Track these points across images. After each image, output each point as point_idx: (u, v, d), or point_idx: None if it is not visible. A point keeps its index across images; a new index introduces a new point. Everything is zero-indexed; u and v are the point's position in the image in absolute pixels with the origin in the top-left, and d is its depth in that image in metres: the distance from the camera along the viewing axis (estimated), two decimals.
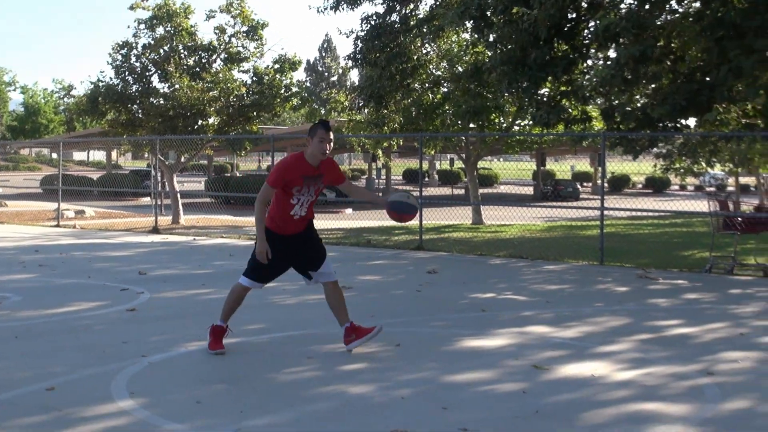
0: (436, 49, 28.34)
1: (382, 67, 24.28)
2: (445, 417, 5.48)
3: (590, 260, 15.06)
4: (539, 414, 5.57)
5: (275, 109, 26.79)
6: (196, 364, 6.87)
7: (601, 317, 9.22)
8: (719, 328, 8.66)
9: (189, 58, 26.97)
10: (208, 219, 27.30)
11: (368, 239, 19.21)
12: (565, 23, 15.71)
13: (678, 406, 5.77)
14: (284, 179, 7.07)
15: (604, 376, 6.58)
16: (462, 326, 8.55)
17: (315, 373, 6.61)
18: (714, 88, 14.07)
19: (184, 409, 5.61)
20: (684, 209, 27.36)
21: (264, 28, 27.04)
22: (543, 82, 16.19)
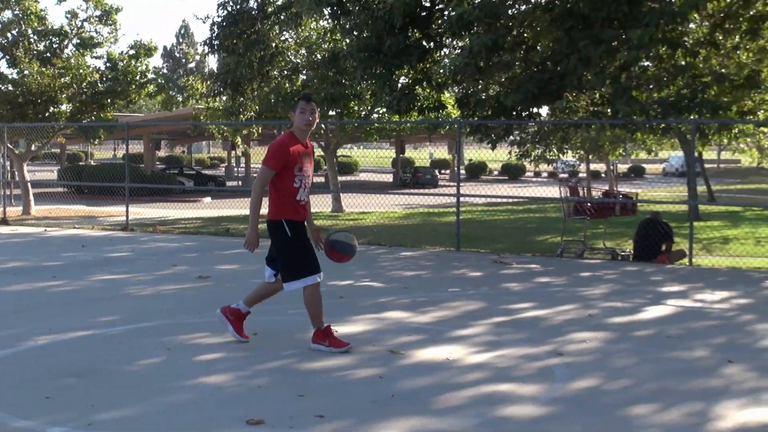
0: (294, 36, 28.23)
1: (240, 54, 24.03)
2: (301, 404, 5.49)
3: (447, 246, 15.30)
4: (395, 398, 5.63)
5: (130, 96, 26.27)
6: (46, 359, 6.66)
7: (457, 302, 9.37)
8: (569, 310, 8.93)
9: (39, 43, 26.13)
10: (60, 209, 26.52)
11: (226, 228, 19.03)
12: (420, 11, 15.86)
13: (529, 387, 5.93)
14: (285, 157, 6.76)
15: (459, 359, 6.70)
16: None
17: (170, 364, 6.51)
18: (564, 77, 14.46)
19: (33, 405, 5.44)
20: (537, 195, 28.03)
21: (118, 13, 26.44)
22: (398, 70, 16.31)
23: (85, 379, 6.07)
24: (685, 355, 6.91)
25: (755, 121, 19.17)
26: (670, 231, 14.37)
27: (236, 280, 10.85)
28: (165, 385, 5.92)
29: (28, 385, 5.90)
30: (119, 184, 21.27)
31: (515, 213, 30.13)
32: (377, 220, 23.63)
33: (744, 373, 6.38)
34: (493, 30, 14.38)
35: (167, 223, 21.11)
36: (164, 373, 6.23)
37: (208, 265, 12.24)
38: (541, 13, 15.13)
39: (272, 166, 6.76)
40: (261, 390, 5.81)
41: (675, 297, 9.89)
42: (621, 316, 8.61)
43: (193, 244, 15.49)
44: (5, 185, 23.63)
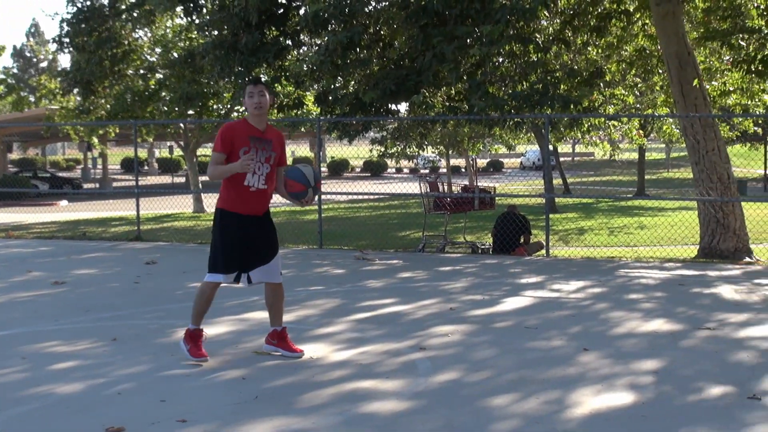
0: (149, 34, 27.71)
1: (91, 51, 23.43)
2: (163, 409, 5.40)
3: (310, 244, 15.30)
4: (259, 399, 5.60)
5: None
6: None
7: (319, 300, 9.38)
8: (431, 305, 9.05)
9: None
10: None
11: (84, 232, 18.56)
12: (276, 9, 15.79)
13: (392, 382, 5.98)
14: (230, 141, 6.48)
15: (322, 357, 6.71)
16: (181, 317, 8.40)
17: (23, 374, 6.29)
18: (420, 73, 14.63)
19: None
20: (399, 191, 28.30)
21: None
22: (255, 67, 16.19)
23: None
24: (543, 345, 7.09)
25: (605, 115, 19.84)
26: (528, 223, 14.73)
27: (93, 284, 10.59)
28: (21, 395, 5.72)
29: None
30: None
31: (378, 209, 30.33)
32: None
33: (599, 360, 6.59)
34: (349, 27, 14.43)
35: (21, 228, 20.43)
36: (20, 383, 6.02)
37: (64, 270, 11.90)
38: (397, 10, 15.27)
39: (219, 149, 6.53)
40: (121, 396, 5.69)
41: (533, 288, 10.14)
42: (481, 309, 8.78)
43: (49, 248, 15.02)
44: None
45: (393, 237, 17.60)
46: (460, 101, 16.18)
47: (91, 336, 7.47)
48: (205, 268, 6.73)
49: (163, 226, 21.30)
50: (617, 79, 20.03)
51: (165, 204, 28.00)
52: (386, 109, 16.13)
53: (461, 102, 16.15)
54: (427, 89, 15.48)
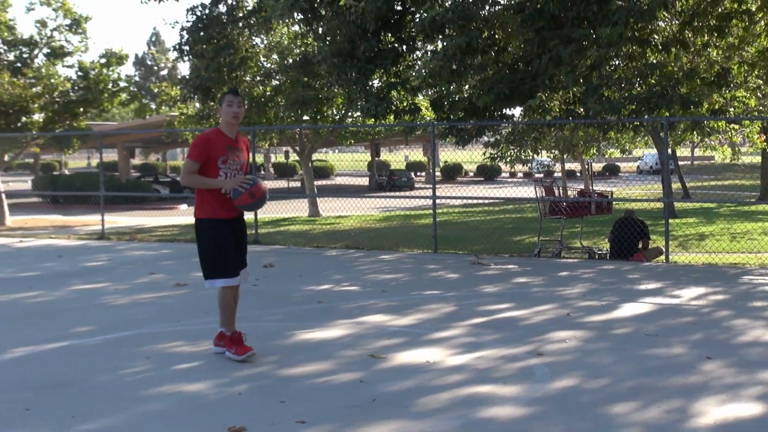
0: (265, 40, 28.19)
1: (210, 58, 23.96)
2: (282, 410, 5.48)
3: (424, 249, 15.32)
4: (376, 402, 5.64)
5: (103, 104, 26.15)
6: (24, 370, 6.62)
7: (435, 304, 9.38)
8: (548, 310, 8.96)
9: (9, 53, 25.97)
10: (35, 219, 26.36)
11: None
12: (393, 15, 15.86)
13: (509, 388, 5.95)
14: (207, 150, 6.72)
15: (439, 361, 6.71)
16: (299, 319, 8.55)
17: (149, 373, 6.48)
18: (536, 77, 14.51)
19: (13, 416, 5.41)
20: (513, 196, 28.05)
21: (87, 22, 26.31)
22: (372, 74, 16.29)
23: (64, 389, 6.04)
24: (664, 352, 6.95)
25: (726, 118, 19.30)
26: (646, 228, 14.45)
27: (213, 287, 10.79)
28: (145, 394, 5.90)
29: (6, 396, 5.86)
30: (94, 193, 21.17)
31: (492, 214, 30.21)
32: (354, 224, 23.64)
33: (722, 369, 6.42)
34: (465, 32, 14.40)
35: (144, 231, 21.02)
36: (144, 382, 6.21)
37: (185, 273, 12.19)
38: (512, 14, 15.18)
39: (194, 158, 6.72)
40: (241, 397, 5.80)
41: (652, 294, 9.94)
42: (599, 315, 8.65)
43: (171, 251, 15.42)
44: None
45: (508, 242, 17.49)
46: (575, 104, 15.98)
47: (211, 337, 7.62)
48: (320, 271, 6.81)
49: (280, 229, 21.63)
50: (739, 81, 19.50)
51: (281, 208, 28.42)
52: (501, 114, 16.05)
53: (577, 105, 15.95)
54: (542, 93, 15.34)
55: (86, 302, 9.85)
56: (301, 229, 22.17)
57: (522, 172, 68.52)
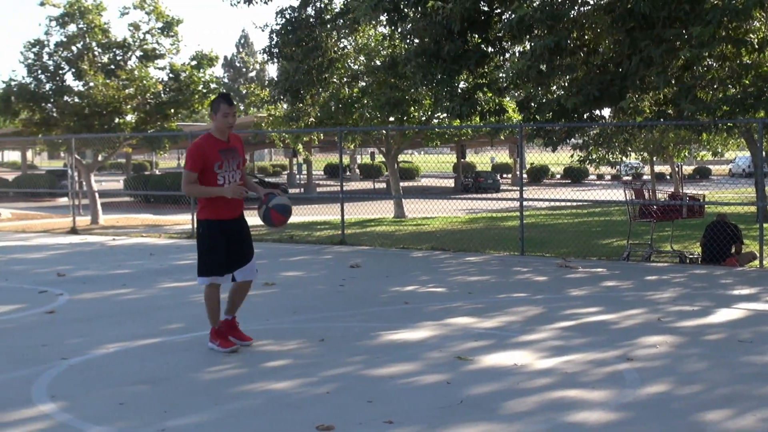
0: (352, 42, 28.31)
1: (299, 61, 24.15)
2: (370, 410, 5.50)
3: (511, 251, 15.22)
4: (463, 404, 5.62)
5: (193, 105, 26.54)
6: (117, 366, 6.77)
7: (522, 306, 9.32)
8: (637, 314, 8.82)
9: (103, 56, 26.54)
10: (127, 218, 26.91)
11: (290, 235, 19.15)
12: (479, 16, 15.79)
13: (598, 392, 5.87)
14: (202, 159, 7.02)
15: (526, 364, 6.66)
16: (385, 319, 8.57)
17: (238, 370, 6.57)
18: (626, 78, 14.29)
19: (107, 410, 5.54)
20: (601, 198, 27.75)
21: (179, 24, 26.72)
22: (457, 75, 16.23)
23: (156, 385, 6.16)
24: (759, 360, 6.78)
25: None
26: (739, 233, 14.12)
27: (301, 287, 10.92)
28: (234, 391, 5.98)
29: (101, 391, 6.00)
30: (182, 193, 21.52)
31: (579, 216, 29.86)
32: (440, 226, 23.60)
33: None
34: (554, 32, 14.26)
35: None
36: (233, 380, 6.29)
37: (273, 272, 12.32)
38: (602, 14, 14.97)
39: (191, 168, 7.06)
40: (329, 396, 5.84)
41: (746, 300, 9.71)
42: (691, 320, 8.49)
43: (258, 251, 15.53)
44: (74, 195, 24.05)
45: (596, 245, 17.26)
46: (667, 106, 15.70)
47: (300, 336, 7.71)
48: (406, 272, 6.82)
49: (366, 230, 21.71)
50: None
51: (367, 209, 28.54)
52: (589, 115, 15.85)
53: (668, 106, 15.66)
54: (632, 94, 15.10)
55: (177, 300, 10.03)
56: (387, 230, 22.21)
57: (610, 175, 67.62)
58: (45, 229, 22.07)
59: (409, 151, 65.62)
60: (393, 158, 31.61)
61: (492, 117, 17.17)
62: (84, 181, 26.44)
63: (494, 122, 17.43)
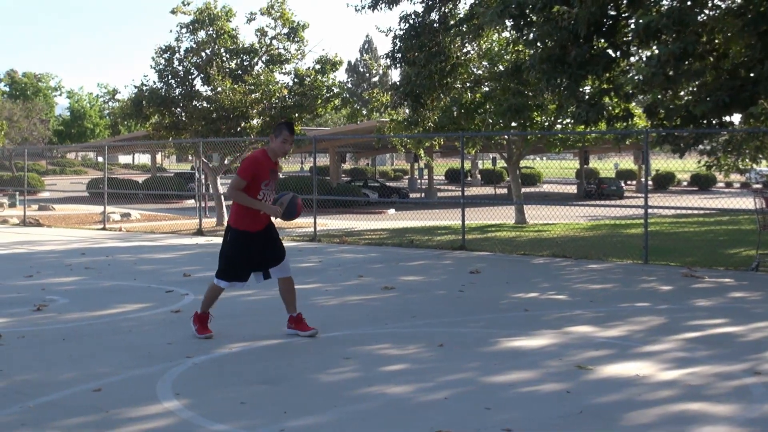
0: (476, 48, 28.22)
1: (421, 66, 24.20)
2: (488, 417, 5.48)
3: (634, 259, 14.95)
4: (583, 414, 5.55)
5: (317, 110, 26.88)
6: (239, 365, 6.92)
7: (645, 316, 9.14)
8: (766, 327, 8.55)
9: (231, 61, 27.15)
10: None
11: (411, 239, 19.22)
12: (605, 21, 15.57)
13: (723, 406, 5.72)
14: (255, 172, 7.67)
15: (649, 375, 6.53)
16: (504, 326, 8.53)
17: (357, 373, 6.63)
18: (757, 84, 13.90)
19: (228, 409, 5.66)
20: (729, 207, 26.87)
21: (305, 30, 27.14)
22: (583, 81, 16.05)
23: (276, 385, 6.26)
24: None
25: None
26: None
27: (420, 291, 10.95)
28: (353, 393, 6.04)
29: (223, 390, 6.14)
30: (307, 196, 21.80)
31: (705, 225, 29.09)
32: (561, 232, 23.33)
33: None
34: (681, 38, 13.95)
35: (353, 235, 21.51)
36: (352, 382, 6.35)
37: (392, 276, 12.40)
38: (732, 18, 14.59)
39: (244, 177, 7.67)
40: (446, 401, 5.84)
41: None
42: None
43: (378, 255, 15.73)
44: (200, 198, 24.68)
45: (722, 254, 16.78)
46: None
47: (418, 341, 7.73)
48: (527, 279, 6.78)
49: (486, 236, 21.61)
50: None
51: (488, 214, 28.43)
52: (719, 121, 15.46)
53: None
54: (764, 100, 14.66)
55: (299, 302, 10.15)
56: (508, 236, 22.07)
57: (739, 182, 65.71)
58: (172, 230, 22.72)
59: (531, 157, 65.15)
60: (514, 164, 31.38)
61: (619, 123, 16.92)
62: (210, 184, 27.08)
63: (621, 128, 17.15)
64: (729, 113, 15.77)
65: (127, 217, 28.08)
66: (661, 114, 15.55)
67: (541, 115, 28.42)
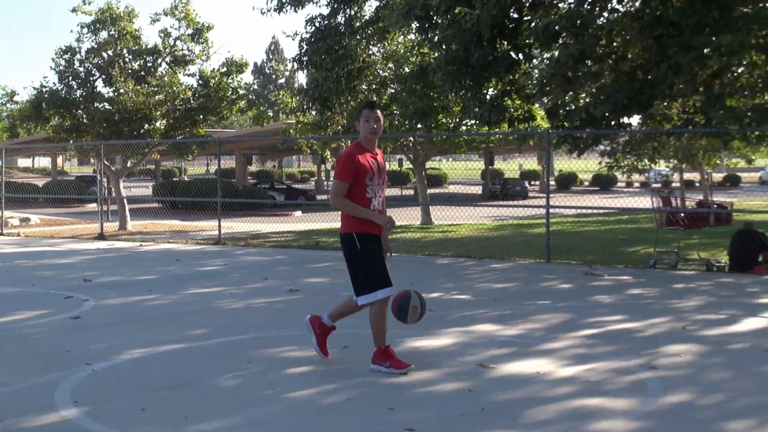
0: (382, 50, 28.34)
1: (328, 69, 24.19)
2: (391, 417, 5.50)
3: (537, 258, 15.19)
4: (485, 412, 5.61)
5: (222, 112, 26.68)
6: (140, 372, 6.81)
7: (546, 314, 9.29)
8: (662, 323, 8.78)
9: (134, 62, 26.77)
10: (155, 224, 27.08)
11: (317, 241, 19.20)
12: (508, 23, 15.78)
13: (621, 401, 5.84)
14: (354, 168, 6.63)
15: (549, 372, 6.64)
16: (408, 326, 8.51)
17: (261, 377, 6.59)
18: (654, 86, 14.24)
19: (129, 416, 5.57)
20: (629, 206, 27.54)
21: (209, 31, 26.92)
22: (486, 82, 16.24)
23: (178, 391, 6.19)
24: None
25: None
26: (767, 241, 14.02)
27: (326, 294, 10.94)
28: (256, 397, 6.00)
29: (124, 396, 6.04)
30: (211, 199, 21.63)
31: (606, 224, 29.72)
32: (467, 233, 23.57)
33: None
34: (580, 40, 14.22)
35: (259, 237, 21.39)
36: (255, 386, 6.31)
37: (298, 279, 12.37)
38: (630, 21, 14.93)
39: (344, 178, 6.64)
40: (351, 403, 5.85)
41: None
42: (716, 329, 8.44)
43: (284, 257, 15.67)
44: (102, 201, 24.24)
45: (622, 252, 17.18)
46: (696, 113, 15.61)
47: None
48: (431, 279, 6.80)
49: (393, 237, 21.68)
50: None
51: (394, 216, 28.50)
52: (618, 122, 15.79)
53: (697, 114, 15.58)
54: (661, 102, 15.03)
55: (202, 305, 10.08)
56: (414, 236, 22.22)
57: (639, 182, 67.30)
58: (73, 234, 22.27)
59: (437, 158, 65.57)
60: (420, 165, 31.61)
61: (521, 124, 17.16)
62: (113, 187, 26.64)
63: (523, 129, 17.40)
64: (628, 114, 16.11)
65: (27, 222, 27.42)
66: (562, 115, 15.82)
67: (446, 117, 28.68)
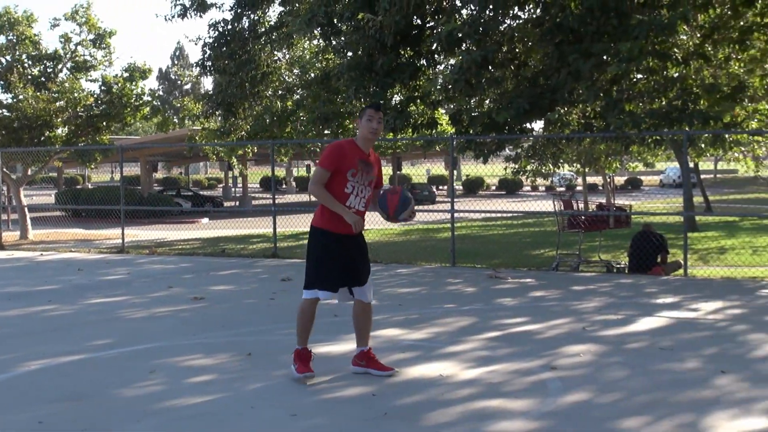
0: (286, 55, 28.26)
1: (232, 74, 24.03)
2: (294, 423, 5.50)
3: (443, 262, 15.32)
4: (387, 416, 5.65)
5: (126, 118, 26.31)
6: (39, 384, 6.67)
7: (451, 318, 9.38)
8: (563, 324, 8.94)
9: (33, 68, 26.22)
10: (57, 233, 26.53)
11: (223, 248, 19.06)
12: (411, 30, 15.90)
13: (521, 401, 5.94)
14: (339, 160, 6.48)
15: (452, 375, 6.71)
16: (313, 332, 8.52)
17: (162, 386, 6.51)
18: (555, 91, 14.49)
19: (26, 430, 5.45)
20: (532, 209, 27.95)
21: (111, 37, 26.52)
22: (390, 88, 16.34)
23: (77, 403, 6.08)
24: (677, 367, 6.92)
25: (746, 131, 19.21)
26: (665, 242, 14.40)
27: (231, 300, 10.87)
28: (157, 407, 5.93)
29: (21, 409, 5.91)
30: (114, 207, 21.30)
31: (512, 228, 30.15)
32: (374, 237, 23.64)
33: (736, 383, 6.40)
34: (482, 46, 14.42)
35: (164, 245, 21.13)
36: (157, 396, 6.24)
37: (203, 286, 12.26)
38: (531, 27, 15.18)
39: (326, 166, 6.50)
40: (254, 410, 5.83)
41: (669, 308, 9.90)
42: (614, 329, 8.63)
43: (190, 265, 15.50)
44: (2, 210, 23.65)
45: (526, 255, 17.47)
46: (596, 119, 15.95)
47: (227, 350, 7.67)
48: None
49: (300, 243, 21.63)
50: (761, 93, 19.35)
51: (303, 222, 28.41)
52: (520, 128, 16.04)
53: (597, 119, 15.91)
54: (562, 107, 15.31)
55: (104, 316, 9.92)
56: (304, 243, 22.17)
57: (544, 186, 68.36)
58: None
59: None
60: None
61: (425, 130, 17.29)
62: (13, 196, 26.03)
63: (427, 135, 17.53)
64: (530, 120, 16.36)
65: None
66: (465, 120, 15.99)
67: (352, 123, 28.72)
